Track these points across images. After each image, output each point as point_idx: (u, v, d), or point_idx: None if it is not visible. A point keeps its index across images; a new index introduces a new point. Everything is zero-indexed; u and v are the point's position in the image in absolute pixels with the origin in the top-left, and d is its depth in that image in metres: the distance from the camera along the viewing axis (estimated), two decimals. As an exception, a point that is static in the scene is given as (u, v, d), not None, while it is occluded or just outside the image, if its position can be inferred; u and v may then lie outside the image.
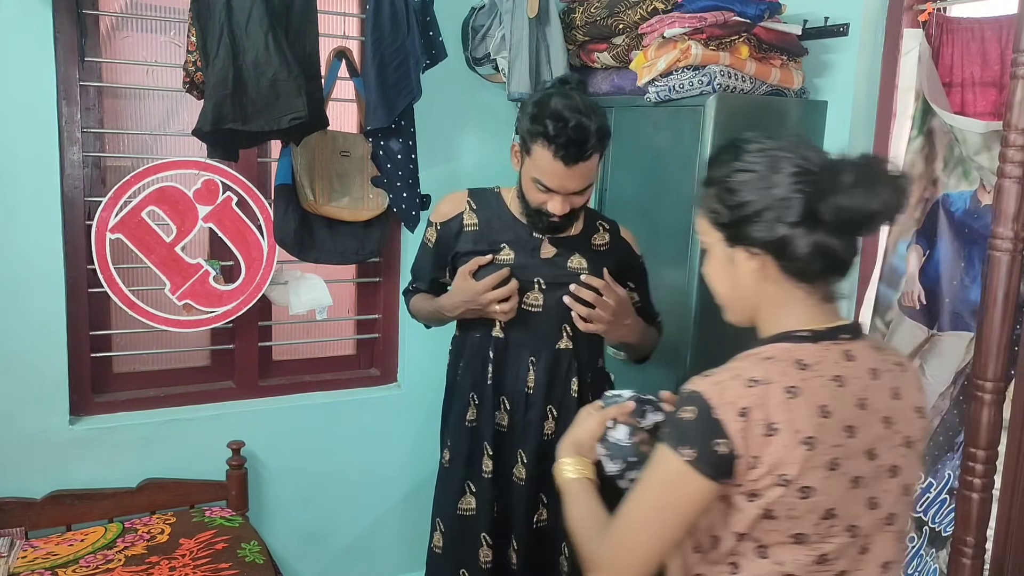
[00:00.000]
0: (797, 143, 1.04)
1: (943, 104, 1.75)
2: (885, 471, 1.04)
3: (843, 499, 1.00)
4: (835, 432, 0.99)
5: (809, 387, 0.99)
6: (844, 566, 1.03)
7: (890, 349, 1.12)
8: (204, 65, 1.90)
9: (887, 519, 1.05)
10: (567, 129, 1.50)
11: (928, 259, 1.77)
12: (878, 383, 1.04)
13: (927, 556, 1.78)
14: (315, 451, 2.51)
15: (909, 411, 1.07)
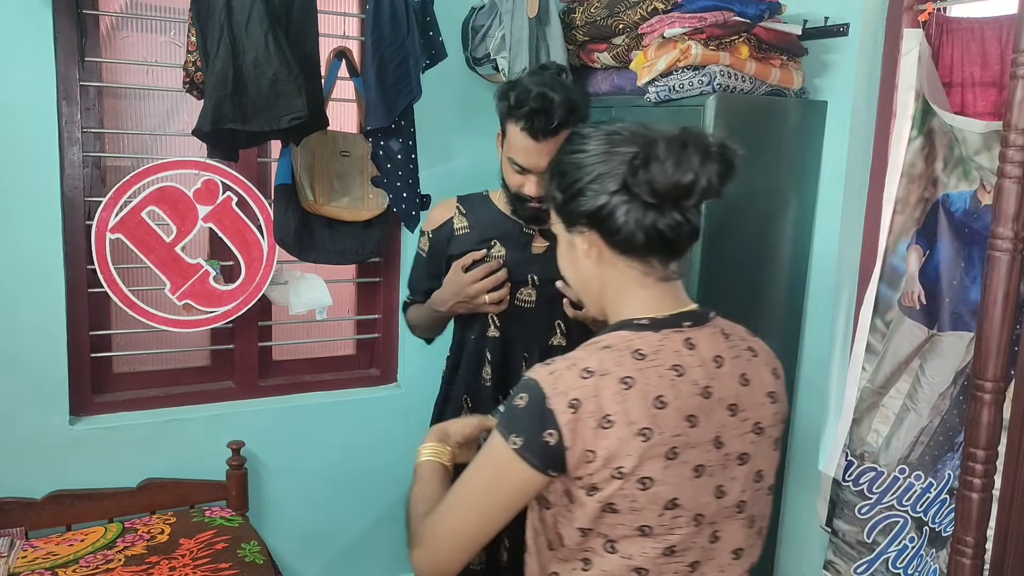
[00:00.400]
0: (631, 125, 1.05)
1: (943, 104, 1.75)
2: (733, 459, 1.04)
3: (685, 488, 1.00)
4: (674, 422, 0.99)
5: (645, 378, 0.99)
6: (696, 557, 1.03)
7: (740, 334, 1.11)
8: (204, 65, 1.90)
9: (736, 507, 1.05)
10: (530, 99, 1.50)
11: (928, 259, 1.77)
12: (723, 370, 1.04)
13: (927, 556, 1.78)
14: (315, 451, 2.51)
15: (759, 397, 1.07)
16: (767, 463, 1.09)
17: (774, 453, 1.10)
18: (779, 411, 1.10)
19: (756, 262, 2.07)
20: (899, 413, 1.82)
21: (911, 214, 1.78)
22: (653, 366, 1.00)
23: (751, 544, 1.09)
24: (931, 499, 1.77)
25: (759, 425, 1.06)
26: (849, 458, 1.89)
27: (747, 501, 1.06)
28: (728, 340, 1.08)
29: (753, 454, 1.06)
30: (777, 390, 1.10)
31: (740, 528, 1.07)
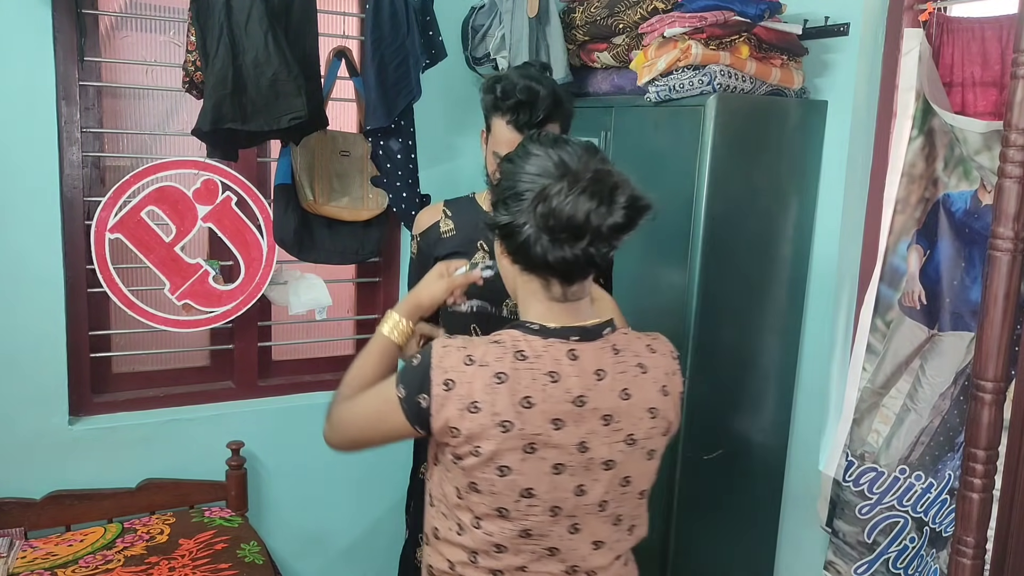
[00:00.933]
0: (571, 153, 1.11)
1: (944, 104, 1.75)
2: (598, 463, 1.12)
3: (542, 482, 1.11)
4: (537, 422, 1.08)
5: (518, 377, 1.08)
6: (553, 543, 1.15)
7: (635, 351, 1.17)
8: (204, 65, 1.90)
9: (599, 505, 1.15)
10: (516, 92, 1.52)
11: (928, 259, 1.77)
12: (603, 383, 1.12)
13: (927, 556, 1.78)
14: (315, 451, 2.50)
15: (638, 411, 1.14)
16: (637, 471, 1.17)
17: (648, 463, 1.18)
18: (659, 426, 1.17)
19: (756, 262, 2.07)
20: (899, 413, 1.81)
21: (911, 214, 1.78)
22: (530, 368, 1.09)
23: (617, 539, 1.19)
24: (931, 499, 1.77)
25: (632, 437, 1.14)
26: (849, 458, 1.88)
27: (610, 502, 1.16)
28: (617, 356, 1.15)
29: (621, 462, 1.14)
30: (661, 406, 1.17)
31: (602, 524, 1.16)
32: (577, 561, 1.17)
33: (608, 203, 1.05)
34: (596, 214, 1.05)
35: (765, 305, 2.11)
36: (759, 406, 2.17)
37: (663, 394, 1.18)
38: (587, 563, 1.18)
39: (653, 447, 1.18)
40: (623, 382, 1.14)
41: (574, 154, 1.11)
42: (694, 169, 1.93)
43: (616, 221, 1.06)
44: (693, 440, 2.01)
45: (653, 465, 1.20)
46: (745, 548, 2.26)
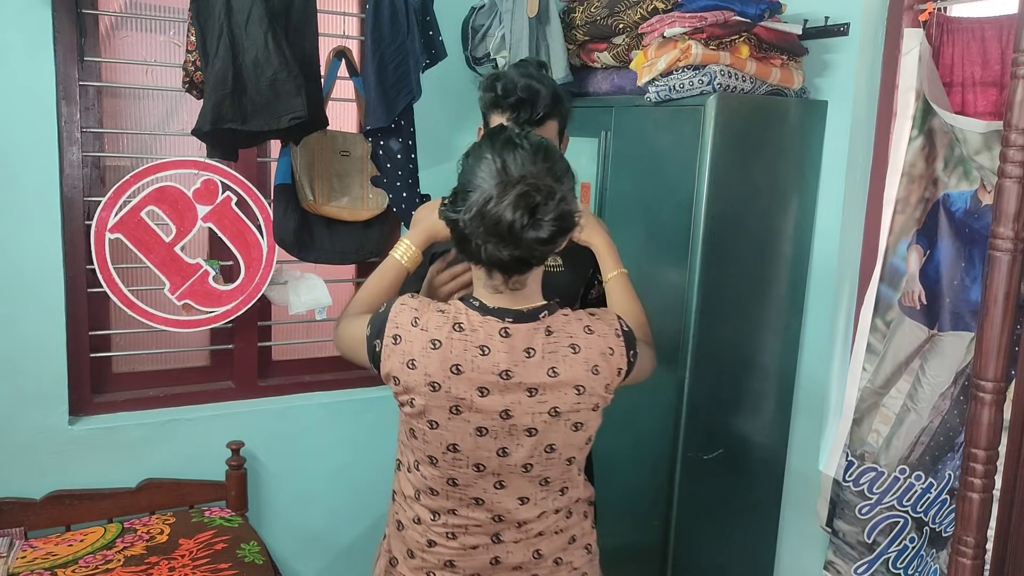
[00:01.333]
0: (519, 152, 1.19)
1: (944, 104, 1.75)
2: (521, 430, 1.25)
3: (466, 441, 1.25)
4: (464, 387, 1.22)
5: (451, 346, 1.22)
6: (478, 494, 1.29)
7: (570, 332, 1.27)
8: (204, 65, 1.90)
9: (523, 467, 1.27)
10: (517, 89, 1.52)
11: (928, 259, 1.77)
12: (532, 360, 1.23)
13: (927, 556, 1.78)
14: (315, 451, 2.51)
15: (565, 387, 1.25)
16: (562, 440, 1.28)
17: (574, 434, 1.29)
18: (585, 402, 1.27)
19: (756, 262, 2.07)
20: (899, 413, 1.81)
21: (911, 214, 1.78)
22: (463, 340, 1.23)
23: (544, 497, 1.32)
24: (931, 499, 1.77)
25: (556, 409, 1.25)
26: (849, 458, 1.88)
27: (535, 465, 1.28)
28: (549, 336, 1.25)
29: (543, 431, 1.26)
30: (588, 385, 1.26)
31: (528, 483, 1.30)
32: (502, 512, 1.31)
33: (532, 217, 1.14)
34: (520, 226, 1.14)
35: (765, 305, 2.11)
36: (759, 406, 2.17)
37: (593, 373, 1.27)
38: (512, 515, 1.31)
39: (580, 420, 1.28)
40: (552, 361, 1.24)
41: (518, 160, 1.19)
42: (694, 169, 1.93)
43: (539, 236, 1.15)
44: (693, 440, 2.02)
45: (581, 436, 1.30)
46: (745, 548, 2.26)
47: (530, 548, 1.35)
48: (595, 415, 1.31)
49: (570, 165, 1.28)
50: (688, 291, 1.96)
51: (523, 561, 1.36)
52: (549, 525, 1.35)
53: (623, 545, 2.22)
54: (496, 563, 1.34)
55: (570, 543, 1.40)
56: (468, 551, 1.34)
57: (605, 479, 1.94)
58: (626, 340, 1.32)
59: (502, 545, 1.34)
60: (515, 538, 1.34)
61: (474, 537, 1.33)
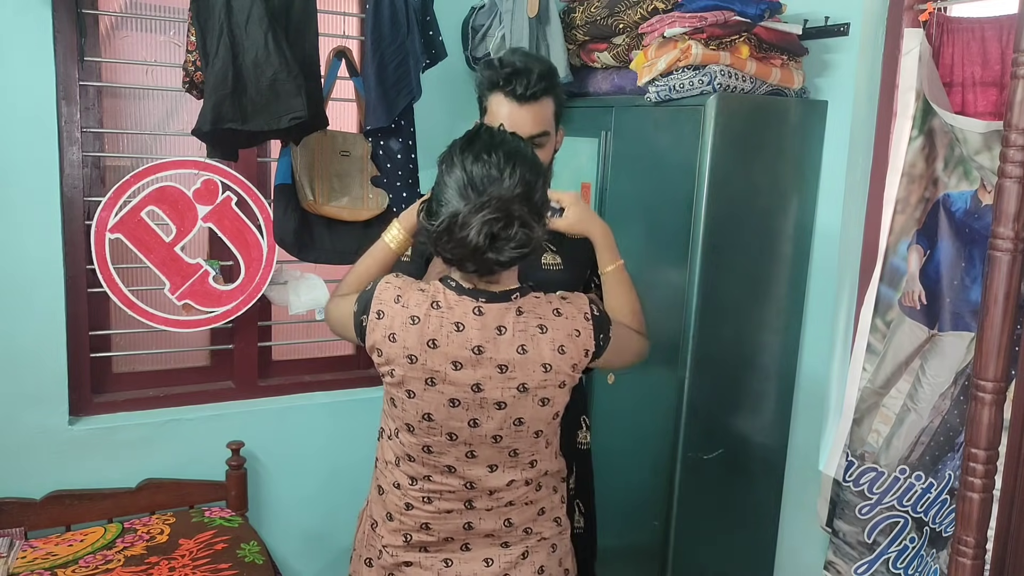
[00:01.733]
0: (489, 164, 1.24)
1: (944, 104, 1.75)
2: (491, 403, 1.32)
3: (440, 411, 1.33)
4: (439, 361, 1.30)
5: (428, 322, 1.31)
6: (450, 462, 1.37)
7: (540, 314, 1.34)
8: (204, 65, 1.90)
9: (492, 438, 1.35)
10: (513, 64, 1.55)
11: (929, 259, 1.77)
12: (503, 338, 1.31)
13: (927, 556, 1.78)
14: (315, 451, 2.51)
15: (532, 365, 1.32)
16: (530, 415, 1.35)
17: (542, 409, 1.35)
18: (552, 379, 1.34)
19: (756, 262, 2.07)
20: (899, 413, 1.81)
21: (912, 214, 1.78)
22: (440, 316, 1.31)
23: (511, 466, 1.39)
24: (932, 499, 1.77)
25: (524, 385, 1.32)
26: (849, 458, 1.88)
27: (504, 437, 1.35)
28: (520, 316, 1.32)
29: (512, 405, 1.33)
30: (555, 363, 1.33)
31: (497, 453, 1.37)
32: (473, 479, 1.39)
33: (493, 243, 1.22)
34: (483, 250, 1.22)
35: (765, 305, 2.11)
36: (759, 406, 2.17)
37: (559, 352, 1.33)
38: (483, 483, 1.39)
39: (547, 396, 1.35)
40: (522, 339, 1.32)
41: (487, 175, 1.23)
42: (694, 169, 1.93)
43: (499, 259, 1.24)
44: (693, 440, 2.02)
45: (548, 411, 1.37)
46: (745, 548, 2.26)
47: (501, 517, 1.43)
48: (561, 392, 1.37)
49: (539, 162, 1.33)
50: (688, 291, 1.96)
51: (494, 528, 1.43)
52: (519, 495, 1.42)
53: (623, 545, 2.22)
54: (468, 528, 1.42)
55: (539, 515, 1.47)
56: (443, 515, 1.41)
57: (605, 479, 1.94)
58: (595, 324, 1.38)
59: (474, 511, 1.41)
60: (487, 505, 1.41)
61: (448, 502, 1.41)
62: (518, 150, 1.29)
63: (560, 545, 1.51)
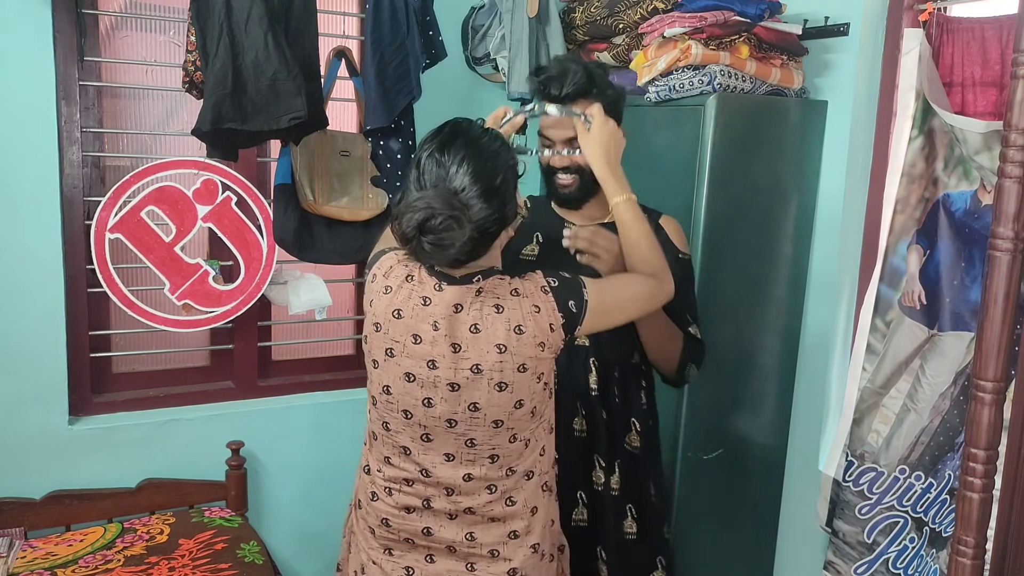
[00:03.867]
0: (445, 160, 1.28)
1: (944, 104, 1.75)
2: (443, 383, 1.31)
3: (397, 384, 1.34)
4: (400, 332, 1.33)
5: (399, 294, 1.34)
6: (406, 442, 1.37)
7: (498, 294, 1.33)
8: (203, 65, 1.90)
9: (447, 423, 1.33)
10: (549, 69, 1.58)
11: (928, 259, 1.77)
12: (459, 316, 1.31)
13: (927, 556, 1.78)
14: (315, 451, 2.51)
15: (485, 345, 1.30)
16: (485, 400, 1.31)
17: (498, 394, 1.31)
18: (507, 360, 1.30)
19: (756, 261, 2.07)
20: (899, 413, 1.81)
21: (911, 214, 1.78)
22: (411, 289, 1.34)
23: (469, 459, 1.35)
24: (931, 499, 1.77)
25: (478, 367, 1.30)
26: (849, 458, 1.88)
27: (459, 423, 1.33)
28: (478, 296, 1.32)
29: (466, 387, 1.31)
30: (511, 345, 1.30)
31: (453, 441, 1.34)
32: (427, 466, 1.36)
33: (417, 233, 1.24)
34: (410, 237, 1.25)
35: (765, 305, 2.11)
36: (759, 406, 2.17)
37: (515, 332, 1.31)
38: (437, 472, 1.35)
39: (504, 380, 1.31)
40: (476, 318, 1.30)
41: (434, 171, 1.28)
42: (694, 169, 1.93)
43: (423, 248, 1.25)
44: (693, 440, 2.02)
45: (506, 398, 1.31)
46: (745, 548, 2.26)
47: (463, 528, 1.37)
48: (523, 377, 1.32)
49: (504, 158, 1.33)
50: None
51: (455, 540, 1.37)
52: (480, 503, 1.36)
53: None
54: (428, 534, 1.37)
55: (511, 538, 1.37)
56: (401, 512, 1.38)
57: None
58: (556, 294, 1.34)
59: (432, 514, 1.37)
60: (445, 508, 1.36)
61: (407, 497, 1.38)
62: (475, 147, 1.30)
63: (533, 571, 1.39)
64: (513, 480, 1.37)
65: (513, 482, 1.37)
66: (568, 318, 1.34)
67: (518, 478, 1.38)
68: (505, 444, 1.35)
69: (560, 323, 1.33)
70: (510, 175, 1.33)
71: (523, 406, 1.34)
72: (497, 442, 1.35)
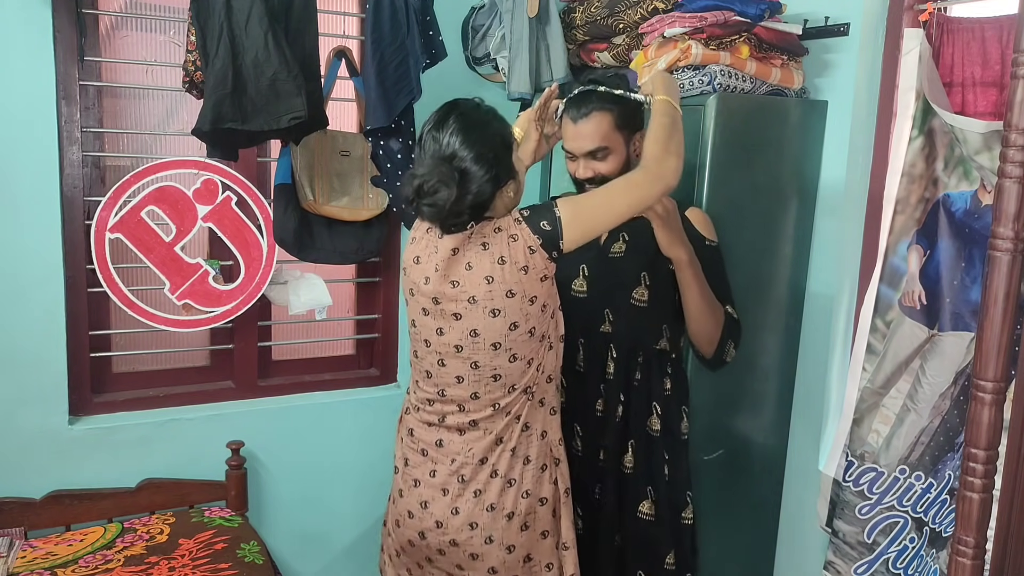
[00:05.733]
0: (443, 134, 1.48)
1: (944, 104, 1.75)
2: (448, 314, 1.55)
3: (419, 317, 1.61)
4: (417, 274, 1.59)
5: (419, 243, 1.62)
6: (428, 367, 1.62)
7: (485, 234, 1.52)
8: (204, 64, 1.90)
9: (455, 348, 1.56)
10: (575, 88, 1.74)
11: (929, 259, 1.77)
12: (456, 258, 1.54)
13: (927, 556, 1.78)
14: (315, 451, 2.51)
15: (477, 278, 1.52)
16: (483, 325, 1.53)
17: (493, 320, 1.53)
18: (495, 289, 1.51)
19: (756, 262, 2.07)
20: (899, 413, 1.81)
21: (911, 214, 1.78)
22: (426, 239, 1.60)
23: (475, 380, 1.57)
24: (931, 499, 1.77)
25: (473, 298, 1.52)
26: (849, 458, 1.88)
27: (464, 347, 1.55)
28: (470, 239, 1.53)
29: (466, 316, 1.54)
30: (496, 275, 1.51)
31: (460, 364, 1.57)
32: (444, 387, 1.60)
33: (417, 198, 1.46)
34: (409, 198, 1.48)
35: (765, 305, 2.11)
36: (759, 406, 2.17)
37: (499, 263, 1.50)
38: (451, 391, 1.59)
39: (496, 307, 1.52)
40: (467, 258, 1.53)
41: (432, 147, 1.49)
42: (694, 169, 1.93)
43: (422, 211, 1.48)
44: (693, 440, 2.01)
45: (500, 322, 1.53)
46: (745, 548, 2.26)
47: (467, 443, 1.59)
48: (513, 301, 1.51)
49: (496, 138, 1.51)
50: (688, 291, 1.96)
51: (457, 452, 1.60)
52: (483, 416, 1.58)
53: (623, 545, 2.22)
54: (440, 445, 1.62)
55: (497, 444, 1.59)
56: (423, 426, 1.65)
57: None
58: (528, 221, 1.52)
59: (445, 429, 1.62)
60: (456, 423, 1.60)
61: (428, 415, 1.64)
62: (466, 119, 1.49)
63: (522, 480, 1.60)
64: (514, 396, 1.58)
65: (513, 398, 1.58)
66: (545, 237, 1.51)
67: (518, 394, 1.58)
68: (506, 364, 1.56)
69: (538, 244, 1.51)
70: (498, 141, 1.51)
71: (518, 327, 1.54)
72: (498, 363, 1.55)
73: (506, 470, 1.59)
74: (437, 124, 1.50)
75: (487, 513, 1.58)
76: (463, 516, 1.59)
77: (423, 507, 1.63)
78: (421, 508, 1.64)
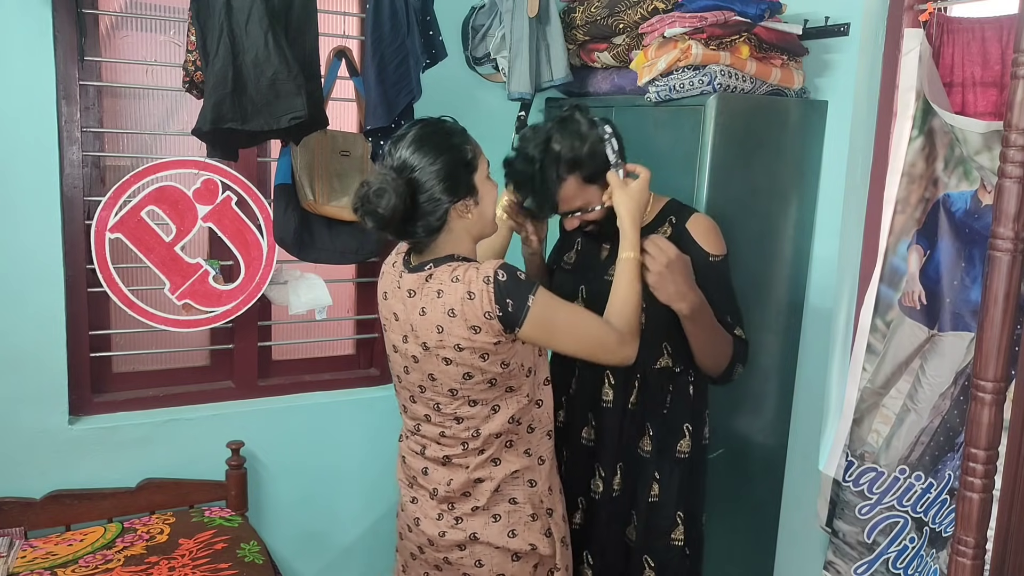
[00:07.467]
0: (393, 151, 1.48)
1: (944, 104, 1.75)
2: (409, 356, 1.54)
3: (391, 353, 1.61)
4: (386, 311, 1.59)
5: (385, 279, 1.61)
6: (404, 401, 1.63)
7: (441, 279, 1.47)
8: (204, 64, 1.90)
9: (419, 388, 1.56)
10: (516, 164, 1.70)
11: (929, 259, 1.77)
12: (412, 300, 1.51)
13: (927, 557, 1.78)
14: (315, 451, 2.51)
15: (429, 325, 1.48)
16: (438, 371, 1.50)
17: (447, 368, 1.49)
18: (446, 339, 1.47)
19: (756, 262, 2.07)
20: (899, 413, 1.81)
21: (911, 214, 1.78)
22: (391, 273, 1.59)
23: (439, 420, 1.56)
24: (931, 499, 1.77)
25: (426, 344, 1.50)
26: (849, 458, 1.88)
27: (426, 389, 1.55)
28: (427, 283, 1.49)
29: (422, 360, 1.52)
30: (446, 325, 1.46)
31: (424, 404, 1.57)
32: (418, 421, 1.61)
33: (360, 206, 1.45)
34: (355, 207, 1.47)
35: (765, 304, 2.11)
36: (759, 406, 2.17)
37: (450, 315, 1.45)
38: (424, 427, 1.60)
39: (447, 356, 1.48)
40: (423, 302, 1.49)
41: (389, 159, 1.48)
42: (694, 169, 1.93)
43: (364, 218, 1.45)
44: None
45: (454, 370, 1.49)
46: (745, 548, 2.26)
47: (448, 473, 1.58)
48: (464, 355, 1.46)
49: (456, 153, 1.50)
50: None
51: (440, 481, 1.59)
52: (455, 454, 1.56)
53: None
54: (425, 473, 1.62)
55: (476, 483, 1.57)
56: (411, 453, 1.65)
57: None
58: (498, 288, 1.43)
59: (428, 459, 1.61)
60: (436, 455, 1.58)
61: (412, 443, 1.65)
62: (427, 137, 1.48)
63: (508, 519, 1.57)
64: (481, 440, 1.54)
65: (481, 441, 1.54)
66: (505, 315, 1.44)
67: (488, 437, 1.54)
68: (466, 408, 1.53)
69: (496, 314, 1.44)
70: (455, 155, 1.49)
71: (472, 378, 1.49)
72: (456, 407, 1.53)
73: (489, 504, 1.57)
74: (397, 139, 1.49)
75: (473, 542, 1.58)
76: (450, 539, 1.59)
77: (416, 524, 1.65)
78: (415, 524, 1.65)
